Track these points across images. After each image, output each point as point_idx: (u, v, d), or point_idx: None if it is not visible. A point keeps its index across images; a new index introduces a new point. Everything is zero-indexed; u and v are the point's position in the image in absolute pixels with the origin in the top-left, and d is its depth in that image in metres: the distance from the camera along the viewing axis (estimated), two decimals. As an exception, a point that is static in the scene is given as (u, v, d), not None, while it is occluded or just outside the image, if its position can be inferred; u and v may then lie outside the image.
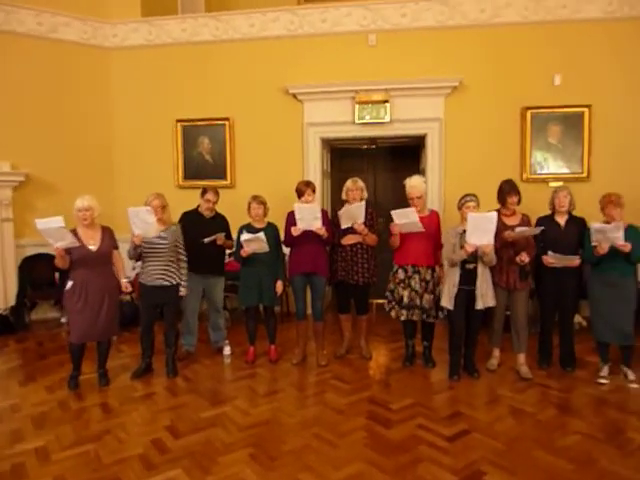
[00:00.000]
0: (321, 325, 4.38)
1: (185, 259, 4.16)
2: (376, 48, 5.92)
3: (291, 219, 4.22)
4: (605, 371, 3.91)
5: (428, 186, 5.84)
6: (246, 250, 4.09)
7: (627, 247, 3.55)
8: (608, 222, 3.74)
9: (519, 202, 4.04)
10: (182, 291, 4.11)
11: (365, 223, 4.17)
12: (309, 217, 4.05)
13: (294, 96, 6.01)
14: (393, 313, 4.18)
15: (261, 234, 4.03)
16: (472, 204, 3.77)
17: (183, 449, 2.97)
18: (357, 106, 5.81)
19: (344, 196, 4.40)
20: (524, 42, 5.74)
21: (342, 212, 4.19)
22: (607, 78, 5.61)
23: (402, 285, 4.11)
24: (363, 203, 4.14)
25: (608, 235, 3.55)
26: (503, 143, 5.79)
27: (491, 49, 5.78)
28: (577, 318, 5.06)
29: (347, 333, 4.61)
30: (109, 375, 4.06)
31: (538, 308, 4.25)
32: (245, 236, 4.06)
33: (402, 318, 4.14)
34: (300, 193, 4.25)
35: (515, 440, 3.00)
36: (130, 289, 4.15)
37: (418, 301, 4.08)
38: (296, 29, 6.02)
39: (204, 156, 6.24)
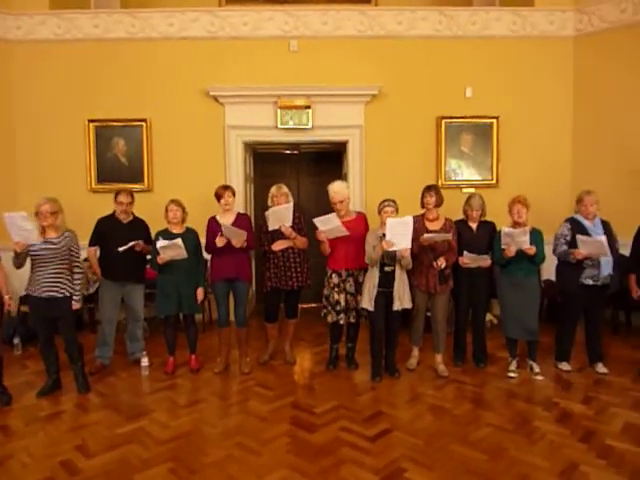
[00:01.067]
0: (244, 332, 4.30)
1: (80, 269, 3.83)
2: (298, 54, 5.95)
3: (213, 225, 4.12)
4: (514, 365, 4.17)
5: (350, 191, 5.96)
6: (163, 257, 3.93)
7: (532, 250, 3.82)
8: (517, 223, 4.00)
9: (437, 204, 4.18)
10: (75, 304, 3.77)
11: (293, 226, 4.17)
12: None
13: (215, 99, 5.89)
14: (330, 317, 4.19)
15: (178, 240, 3.90)
16: (390, 209, 3.89)
17: (96, 469, 2.78)
18: (279, 111, 5.80)
19: (270, 202, 4.37)
20: (438, 55, 6.02)
21: (269, 212, 4.16)
22: (513, 91, 6.03)
23: (337, 290, 4.14)
24: (291, 205, 4.15)
25: (516, 239, 3.80)
26: (420, 150, 6.03)
27: (408, 60, 6.00)
28: (489, 316, 5.37)
29: (272, 340, 4.57)
30: (9, 393, 3.72)
31: (453, 308, 4.44)
32: (161, 243, 3.90)
33: (341, 322, 4.16)
34: (219, 197, 4.16)
35: (433, 436, 3.11)
36: (12, 306, 3.86)
37: (354, 304, 4.12)
38: (217, 31, 5.91)
39: (119, 158, 5.94)
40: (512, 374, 4.09)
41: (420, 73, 6.02)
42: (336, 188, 4.18)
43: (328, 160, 6.85)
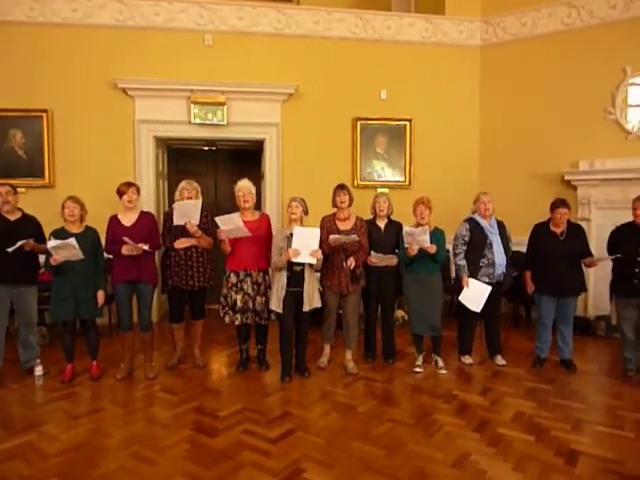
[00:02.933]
0: (149, 335, 4.12)
1: None
2: (213, 48, 5.81)
3: (113, 224, 3.91)
4: (420, 360, 4.30)
5: (267, 190, 5.94)
6: (56, 258, 3.67)
7: (432, 249, 3.95)
8: (421, 224, 4.13)
9: (350, 203, 4.23)
10: None
11: (200, 225, 4.05)
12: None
13: (124, 91, 5.61)
14: (227, 318, 4.11)
15: (71, 240, 3.65)
16: (294, 203, 3.92)
17: (-33, 492, 2.53)
18: (192, 106, 5.63)
19: (177, 196, 4.23)
20: (354, 56, 6.12)
21: (176, 205, 4.01)
22: (425, 95, 6.25)
23: (234, 289, 4.07)
24: (199, 201, 4.04)
25: (416, 237, 3.92)
26: (337, 150, 6.10)
27: (325, 60, 6.05)
28: (400, 313, 5.53)
29: (180, 342, 4.42)
30: None
31: (363, 305, 4.52)
32: (53, 242, 3.63)
33: (237, 322, 4.08)
34: (121, 194, 3.95)
35: (336, 434, 3.12)
36: None
37: (251, 304, 4.06)
38: (125, 20, 5.63)
39: (16, 151, 5.49)
40: (418, 369, 4.22)
41: (337, 74, 6.08)
42: (240, 185, 4.13)
43: (247, 158, 6.76)
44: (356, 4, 6.63)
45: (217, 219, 3.86)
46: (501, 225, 4.31)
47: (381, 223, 4.34)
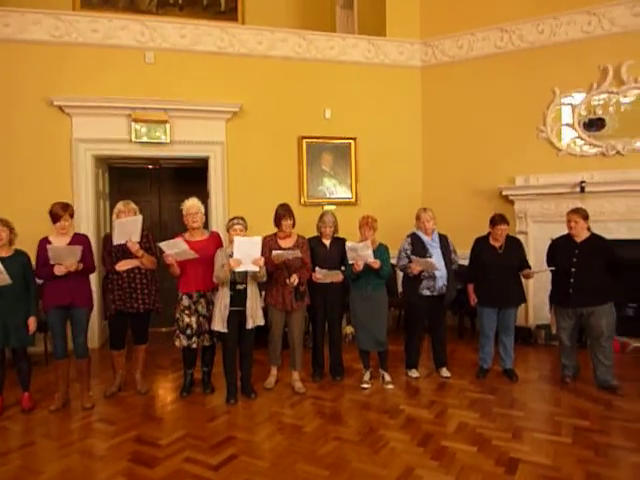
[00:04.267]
0: (85, 363, 3.92)
1: None
2: (155, 66, 5.72)
3: (44, 247, 3.72)
4: (367, 376, 4.30)
5: (212, 208, 5.85)
6: (-19, 284, 3.46)
7: (376, 264, 3.99)
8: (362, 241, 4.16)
9: (293, 225, 4.23)
10: None
11: (140, 244, 3.93)
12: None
13: (60, 108, 5.42)
14: (177, 342, 3.99)
15: (-3, 264, 3.45)
16: (239, 227, 3.84)
17: None
18: (134, 124, 5.50)
19: (115, 218, 4.07)
20: (299, 76, 6.18)
21: (116, 224, 3.87)
22: (368, 114, 6.38)
23: (187, 312, 3.97)
24: (139, 218, 3.91)
25: (359, 253, 3.95)
26: (283, 169, 6.11)
27: (269, 79, 6.08)
28: (350, 329, 5.53)
29: (120, 369, 4.23)
30: None
31: (310, 323, 4.49)
32: (-24, 268, 3.43)
33: (194, 346, 3.98)
34: (55, 219, 3.76)
35: (280, 456, 3.05)
36: None
37: (207, 325, 3.97)
38: (62, 36, 5.46)
39: (-59, 172, 5.18)
40: (365, 385, 4.22)
41: (281, 93, 6.12)
42: (188, 205, 4.05)
43: (192, 176, 6.64)
44: (301, 24, 6.74)
45: (161, 245, 3.78)
46: (444, 238, 4.42)
47: (326, 240, 4.36)
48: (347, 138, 6.27)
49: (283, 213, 4.16)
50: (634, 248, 5.17)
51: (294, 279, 3.98)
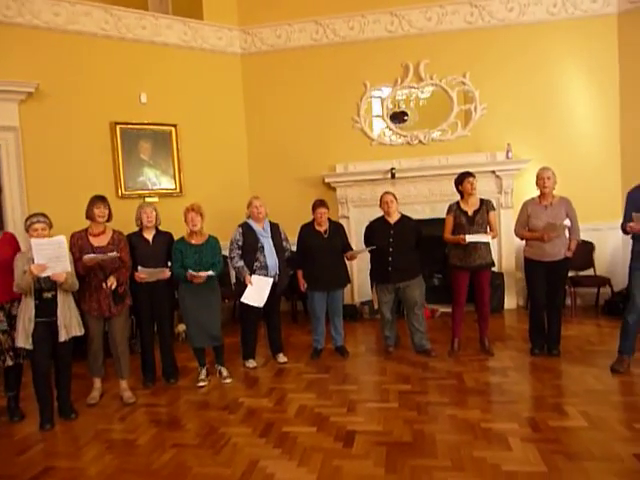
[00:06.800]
0: None
1: None
2: None
3: None
4: (204, 374, 4.14)
5: (8, 205, 5.02)
6: None
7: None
8: (192, 232, 3.96)
9: (109, 217, 3.79)
10: None
11: None
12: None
13: None
14: None
15: None
16: (39, 226, 3.28)
17: None
18: None
19: None
20: (108, 56, 5.62)
21: None
22: (189, 100, 6.09)
23: None
24: None
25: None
26: (95, 157, 5.50)
27: (72, 57, 5.40)
28: (182, 327, 5.27)
29: None
30: None
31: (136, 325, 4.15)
32: None
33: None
34: None
35: (110, 478, 2.74)
36: None
37: (11, 342, 3.35)
38: None
39: None
40: (202, 383, 4.05)
41: (88, 73, 5.48)
42: None
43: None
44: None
45: None
46: (275, 227, 4.44)
47: (149, 235, 4.04)
48: (167, 125, 5.90)
49: (95, 201, 3.68)
50: (436, 226, 5.88)
51: (112, 282, 3.60)
